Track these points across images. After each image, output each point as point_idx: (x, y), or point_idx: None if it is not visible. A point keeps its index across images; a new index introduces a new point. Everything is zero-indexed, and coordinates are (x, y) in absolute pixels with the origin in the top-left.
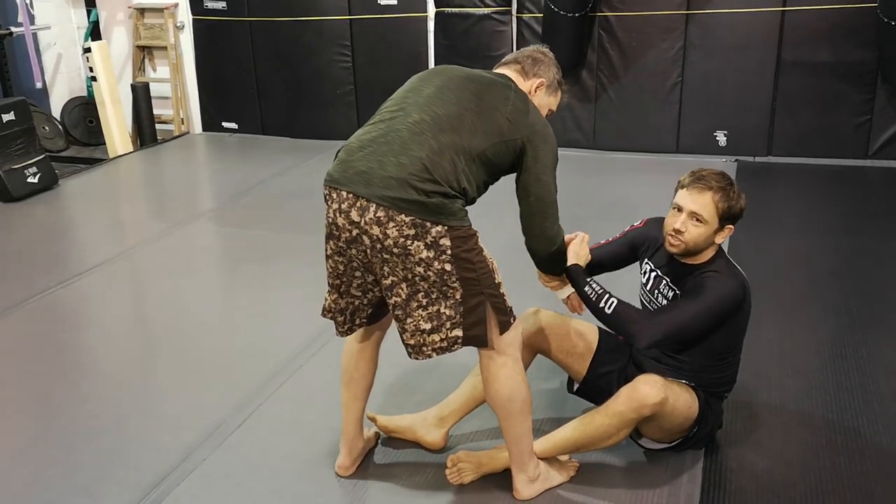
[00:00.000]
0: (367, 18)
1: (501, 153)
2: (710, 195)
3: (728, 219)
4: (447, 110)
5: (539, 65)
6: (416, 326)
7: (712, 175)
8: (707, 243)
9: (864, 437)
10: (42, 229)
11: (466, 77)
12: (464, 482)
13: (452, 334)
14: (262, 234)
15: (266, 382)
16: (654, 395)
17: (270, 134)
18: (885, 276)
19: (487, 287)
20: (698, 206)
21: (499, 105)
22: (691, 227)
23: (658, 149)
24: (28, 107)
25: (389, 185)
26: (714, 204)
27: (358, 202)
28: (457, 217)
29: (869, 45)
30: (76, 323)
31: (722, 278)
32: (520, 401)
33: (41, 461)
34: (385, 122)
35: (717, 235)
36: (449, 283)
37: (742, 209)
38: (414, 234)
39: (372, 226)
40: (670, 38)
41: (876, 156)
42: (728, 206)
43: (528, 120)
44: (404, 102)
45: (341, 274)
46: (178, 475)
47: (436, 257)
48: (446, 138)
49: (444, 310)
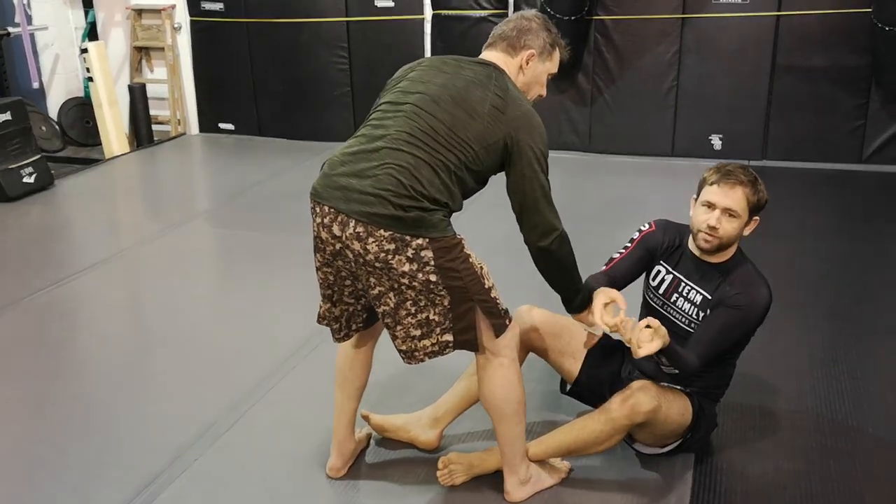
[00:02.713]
0: (364, 20)
1: (484, 158)
2: (741, 190)
3: (756, 210)
4: (424, 125)
5: (526, 34)
6: (406, 333)
7: (739, 170)
8: (738, 237)
9: (855, 440)
10: (37, 229)
11: (444, 84)
12: (455, 483)
13: (443, 339)
14: (258, 235)
15: (259, 383)
16: (648, 402)
17: (267, 135)
18: (878, 280)
19: (476, 293)
20: (732, 202)
21: (476, 108)
22: (725, 222)
23: (653, 152)
24: (24, 107)
25: (367, 200)
26: (746, 198)
27: (339, 217)
28: (438, 228)
29: (863, 51)
30: (70, 323)
31: (753, 293)
32: (514, 402)
33: (32, 461)
34: (367, 136)
35: (745, 228)
36: (436, 292)
37: (767, 200)
38: (394, 248)
39: (353, 241)
40: (666, 42)
41: (870, 160)
42: (757, 199)
43: (507, 116)
44: (385, 117)
45: (332, 284)
46: (170, 475)
47: (419, 269)
48: (423, 153)
49: (433, 316)
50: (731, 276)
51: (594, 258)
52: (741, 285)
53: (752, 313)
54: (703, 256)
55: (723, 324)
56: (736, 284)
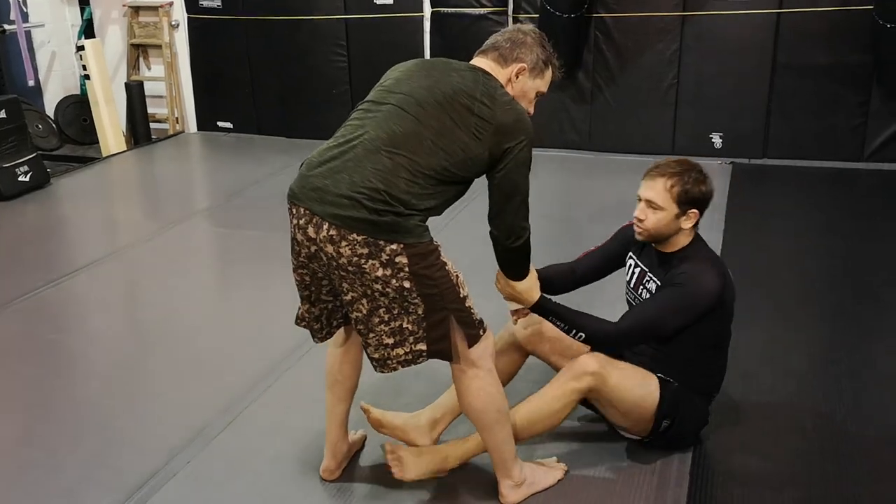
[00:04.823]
0: (363, 18)
1: (468, 167)
2: (662, 181)
3: (688, 203)
4: (405, 128)
5: (519, 47)
6: (378, 341)
7: (669, 162)
8: (671, 229)
9: (854, 441)
10: (32, 228)
11: (430, 87)
12: (405, 478)
13: (416, 348)
14: (256, 234)
15: (254, 384)
16: (592, 364)
17: (265, 133)
18: (879, 278)
19: (451, 302)
20: (652, 194)
21: (462, 118)
22: (650, 214)
23: (653, 150)
24: (20, 105)
25: (340, 203)
26: (666, 190)
27: (314, 219)
28: (413, 234)
29: (865, 48)
30: (64, 323)
31: (696, 272)
32: (493, 411)
33: (24, 462)
34: (345, 137)
35: (681, 221)
36: (409, 300)
37: (703, 193)
38: (367, 252)
39: (326, 244)
40: (666, 40)
41: (871, 158)
42: (683, 191)
43: (493, 126)
44: (365, 117)
45: (308, 284)
46: (161, 478)
47: (393, 275)
48: (402, 158)
49: (407, 325)
50: (683, 263)
51: None
52: (687, 267)
53: (692, 293)
54: (657, 247)
55: (659, 299)
56: (683, 266)
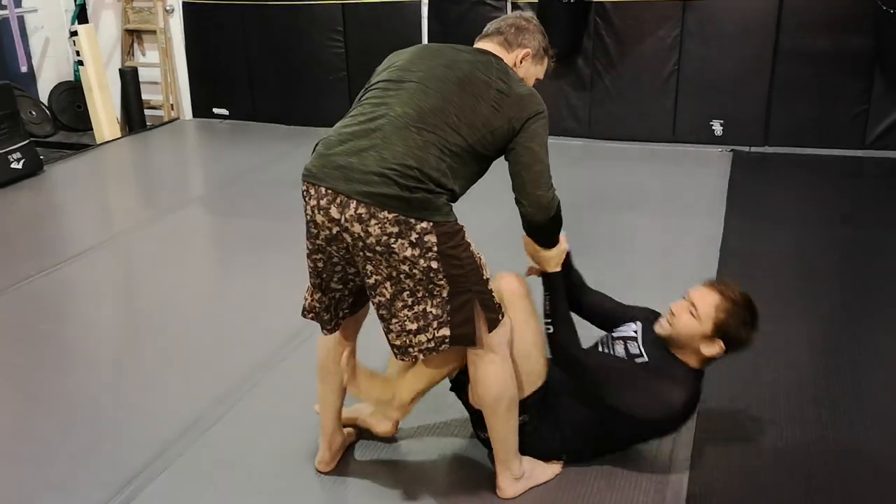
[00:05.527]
0: (360, 3)
1: (489, 143)
2: (715, 298)
3: (722, 334)
4: (431, 104)
5: (523, 33)
6: (401, 327)
7: (734, 288)
8: (692, 343)
9: (856, 433)
10: (25, 216)
11: (447, 65)
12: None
13: (440, 334)
14: (252, 222)
15: (248, 375)
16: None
17: (262, 120)
18: (881, 267)
19: (475, 284)
20: (700, 302)
21: (482, 93)
22: (685, 315)
23: (654, 137)
24: (12, 91)
25: (370, 180)
26: (714, 307)
27: (338, 198)
28: (441, 212)
29: (867, 34)
30: (57, 312)
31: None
32: (507, 399)
33: (13, 455)
34: (366, 114)
35: (705, 343)
36: (435, 281)
37: (741, 338)
38: (397, 231)
39: (353, 223)
40: (667, 26)
41: (873, 146)
42: (726, 321)
43: (512, 100)
44: (386, 95)
45: (321, 271)
46: (154, 471)
47: (421, 255)
48: (431, 135)
49: (431, 309)
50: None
51: (594, 244)
52: (677, 373)
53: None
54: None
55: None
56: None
